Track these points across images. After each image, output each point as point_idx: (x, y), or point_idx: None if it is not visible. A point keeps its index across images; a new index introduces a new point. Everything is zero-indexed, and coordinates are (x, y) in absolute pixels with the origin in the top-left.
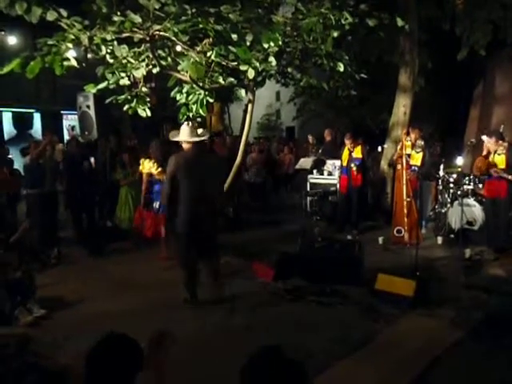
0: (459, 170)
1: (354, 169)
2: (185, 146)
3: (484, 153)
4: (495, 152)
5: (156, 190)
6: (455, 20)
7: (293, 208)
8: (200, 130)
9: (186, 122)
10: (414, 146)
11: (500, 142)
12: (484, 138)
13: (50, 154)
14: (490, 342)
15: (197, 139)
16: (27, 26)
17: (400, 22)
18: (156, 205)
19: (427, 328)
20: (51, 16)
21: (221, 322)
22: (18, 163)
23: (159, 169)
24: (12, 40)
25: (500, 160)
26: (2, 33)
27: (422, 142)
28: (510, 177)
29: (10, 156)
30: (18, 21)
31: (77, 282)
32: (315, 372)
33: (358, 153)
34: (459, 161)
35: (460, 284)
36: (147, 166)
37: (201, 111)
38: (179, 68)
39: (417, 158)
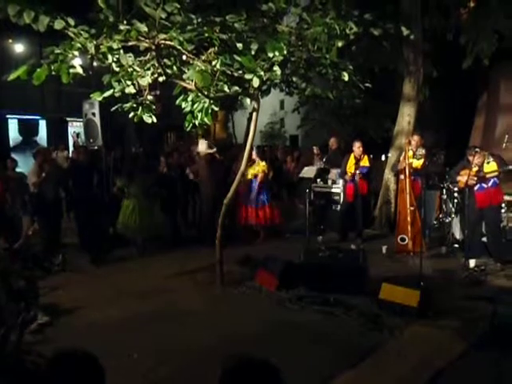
0: None
1: (358, 175)
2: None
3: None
4: (482, 163)
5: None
6: (460, 30)
7: (296, 217)
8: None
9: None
10: (414, 154)
11: (482, 152)
12: (470, 158)
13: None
14: (495, 354)
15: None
16: (34, 35)
17: (405, 31)
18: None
19: (431, 339)
20: (59, 25)
21: (223, 332)
22: (26, 169)
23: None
24: (19, 48)
25: (491, 167)
26: (10, 41)
27: (423, 151)
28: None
29: None
30: (24, 29)
31: (80, 289)
32: (319, 383)
33: (365, 161)
34: None
35: (465, 294)
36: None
37: (206, 119)
38: (185, 77)
39: (418, 164)
